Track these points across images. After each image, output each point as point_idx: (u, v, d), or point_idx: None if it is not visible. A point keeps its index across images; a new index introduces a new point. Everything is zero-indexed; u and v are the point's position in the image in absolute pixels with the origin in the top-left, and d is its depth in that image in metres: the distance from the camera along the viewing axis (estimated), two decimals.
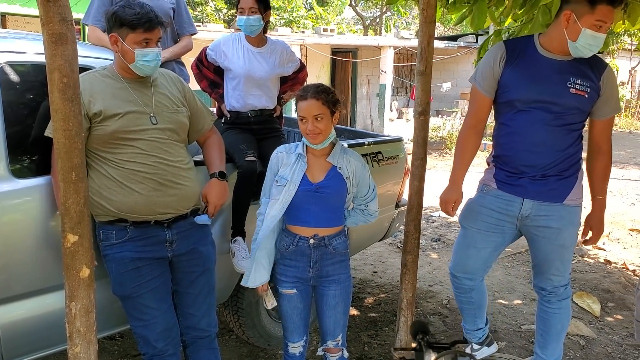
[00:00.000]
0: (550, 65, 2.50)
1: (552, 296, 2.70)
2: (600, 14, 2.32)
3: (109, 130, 2.19)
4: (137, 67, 2.25)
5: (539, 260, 2.70)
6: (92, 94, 2.20)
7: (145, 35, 2.21)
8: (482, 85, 2.62)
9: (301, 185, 2.40)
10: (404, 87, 17.67)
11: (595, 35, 2.35)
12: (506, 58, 2.55)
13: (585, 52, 2.41)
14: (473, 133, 2.72)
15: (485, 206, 2.70)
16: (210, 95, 3.36)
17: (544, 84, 2.48)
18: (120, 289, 2.31)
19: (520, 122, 2.54)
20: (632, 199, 8.75)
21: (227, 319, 3.36)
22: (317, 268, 2.47)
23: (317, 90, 2.35)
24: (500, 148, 2.67)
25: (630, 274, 5.24)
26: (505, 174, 2.64)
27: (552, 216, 2.59)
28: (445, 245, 5.91)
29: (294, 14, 17.42)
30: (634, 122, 21.86)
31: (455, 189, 2.73)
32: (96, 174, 2.23)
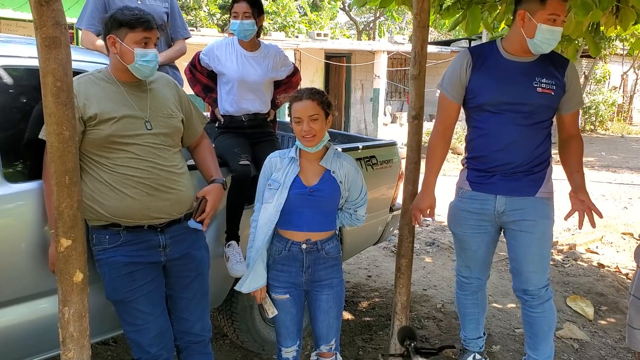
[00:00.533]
0: (514, 67, 2.58)
1: (535, 300, 2.71)
2: (551, 7, 2.42)
3: (103, 134, 2.18)
4: (135, 68, 2.23)
5: (518, 256, 2.70)
6: (87, 97, 2.19)
7: (145, 34, 2.21)
8: (449, 92, 2.70)
9: (295, 188, 2.40)
10: (397, 92, 17.72)
11: (551, 29, 2.43)
12: (472, 64, 2.63)
13: (544, 47, 2.48)
14: (442, 139, 2.79)
15: (464, 209, 2.79)
16: (204, 100, 3.36)
17: (511, 86, 2.56)
18: (113, 293, 2.30)
19: (491, 124, 2.62)
20: (624, 202, 8.79)
21: (221, 323, 3.35)
22: (310, 273, 2.47)
23: (311, 92, 2.37)
24: (474, 150, 2.74)
25: (623, 278, 5.26)
26: (477, 174, 2.72)
27: (526, 209, 2.65)
28: (439, 249, 5.92)
29: (288, 19, 17.44)
30: (626, 126, 22.00)
31: (428, 195, 2.81)
32: (89, 178, 2.22)
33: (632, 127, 22.14)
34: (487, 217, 2.73)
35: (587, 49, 12.47)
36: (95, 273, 2.29)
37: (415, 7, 2.89)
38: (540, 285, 2.68)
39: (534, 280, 2.68)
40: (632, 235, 6.79)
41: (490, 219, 2.73)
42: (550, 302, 2.77)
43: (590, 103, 20.26)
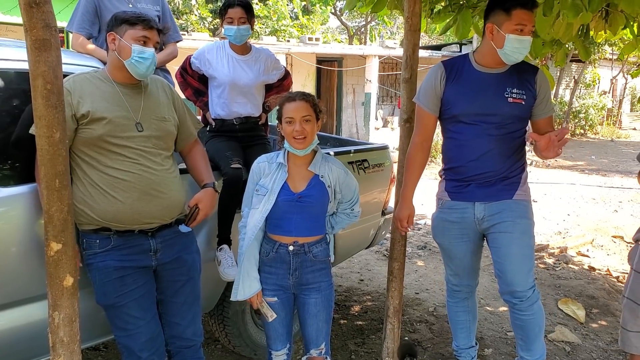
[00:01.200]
0: (486, 79, 2.64)
1: (523, 303, 2.69)
2: (517, 18, 2.48)
3: (95, 134, 2.17)
4: (132, 65, 2.23)
5: (500, 258, 2.69)
6: (82, 94, 2.18)
7: (145, 32, 2.23)
8: (426, 104, 2.75)
9: (283, 194, 2.40)
10: (389, 96, 17.77)
11: (519, 39, 2.49)
12: (446, 77, 2.69)
13: (515, 57, 2.54)
14: (420, 150, 2.83)
15: (445, 220, 2.84)
16: (195, 104, 3.35)
17: (483, 98, 2.62)
18: (103, 298, 2.28)
19: (465, 134, 2.67)
20: (614, 206, 8.85)
21: (212, 328, 3.33)
22: (297, 275, 2.47)
23: (304, 93, 2.40)
24: (450, 160, 2.79)
25: (614, 280, 5.29)
26: (454, 184, 2.77)
27: (504, 211, 2.68)
28: (431, 253, 5.92)
29: (279, 23, 17.45)
30: (616, 130, 22.16)
31: (407, 205, 2.86)
32: (80, 181, 2.21)
33: (622, 131, 22.29)
34: (468, 224, 2.77)
35: (576, 53, 12.57)
36: (86, 278, 2.27)
37: (407, 10, 2.91)
38: (527, 287, 2.67)
39: (519, 280, 2.67)
40: (623, 238, 6.83)
41: (472, 226, 2.77)
42: (539, 302, 2.77)
43: (580, 107, 20.39)
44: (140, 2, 3.34)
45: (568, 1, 2.85)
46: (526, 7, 2.49)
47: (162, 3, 3.50)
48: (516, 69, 2.66)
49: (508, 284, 2.69)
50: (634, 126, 24.15)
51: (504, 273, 2.69)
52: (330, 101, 16.09)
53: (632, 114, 25.02)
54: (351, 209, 2.57)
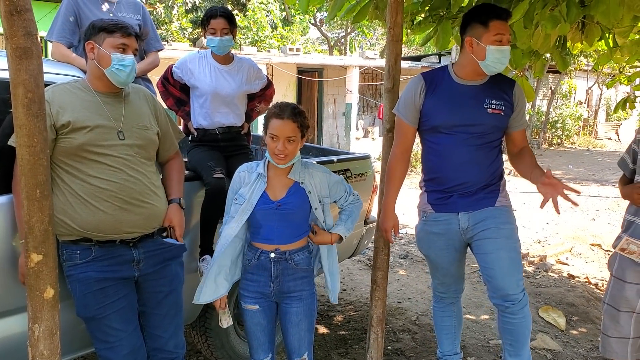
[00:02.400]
0: (465, 91, 2.69)
1: (516, 306, 2.69)
2: (495, 29, 2.54)
3: (75, 143, 2.15)
4: (112, 73, 2.22)
5: (489, 264, 2.70)
6: (62, 105, 2.17)
7: (123, 40, 2.23)
8: (405, 115, 2.78)
9: (262, 203, 2.41)
10: (369, 107, 17.86)
11: (499, 49, 2.55)
12: (426, 89, 2.72)
13: (497, 67, 2.60)
14: (401, 160, 2.86)
15: (430, 232, 2.86)
16: (177, 113, 3.33)
17: (463, 109, 2.66)
18: (84, 310, 2.25)
19: (445, 145, 2.70)
20: (592, 214, 8.98)
21: (194, 340, 3.29)
22: (278, 283, 2.46)
23: (294, 112, 2.36)
24: (431, 171, 2.82)
25: (593, 288, 5.36)
26: (436, 195, 2.79)
27: (487, 218, 2.71)
28: (413, 262, 5.94)
29: (260, 34, 17.48)
30: (592, 140, 22.52)
31: (390, 215, 2.88)
32: (61, 191, 2.18)
33: (597, 141, 22.68)
34: (453, 235, 2.79)
35: (553, 64, 12.74)
36: (66, 290, 2.24)
37: (389, 21, 2.92)
38: (518, 290, 2.69)
39: (510, 284, 2.67)
40: (600, 246, 6.92)
41: (457, 236, 2.79)
42: (528, 306, 2.79)
43: (557, 117, 20.70)
44: (120, 11, 3.32)
45: (547, 12, 2.89)
46: (501, 17, 2.56)
47: (143, 12, 3.49)
48: (494, 81, 2.71)
49: (499, 288, 2.68)
50: (610, 136, 24.57)
51: (494, 277, 2.68)
52: (311, 111, 16.11)
53: (607, 124, 25.46)
54: (352, 195, 2.61)
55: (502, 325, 2.79)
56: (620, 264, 2.65)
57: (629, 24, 3.43)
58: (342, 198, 2.59)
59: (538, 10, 2.92)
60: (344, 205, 2.61)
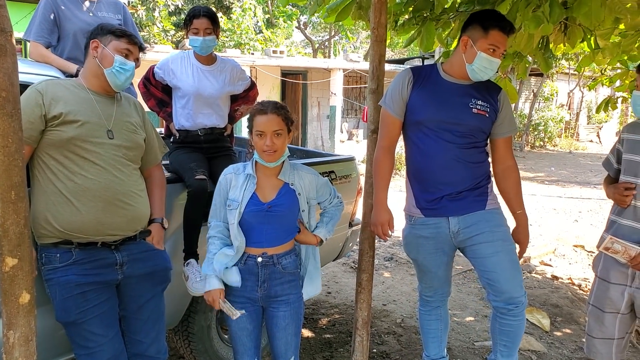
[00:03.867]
0: (452, 88, 2.68)
1: (518, 308, 2.67)
2: (492, 38, 2.53)
3: (65, 136, 2.15)
4: (111, 74, 2.27)
5: (490, 268, 2.67)
6: (55, 96, 2.18)
7: (129, 46, 2.31)
8: (392, 107, 2.75)
9: (252, 205, 2.37)
10: (353, 109, 17.87)
11: (489, 59, 2.54)
12: (413, 82, 2.71)
13: (481, 75, 2.59)
14: (387, 153, 2.83)
15: (419, 236, 2.82)
16: (158, 114, 3.28)
17: (448, 106, 2.64)
18: (64, 315, 2.20)
19: (430, 144, 2.68)
20: (575, 216, 9.05)
21: (177, 345, 3.24)
22: (266, 287, 2.43)
23: (277, 106, 2.34)
24: (416, 171, 2.79)
25: (577, 289, 5.39)
26: (426, 199, 2.75)
27: (479, 222, 2.68)
28: (398, 264, 5.93)
29: (244, 37, 17.41)
30: (574, 142, 22.77)
31: (383, 209, 2.81)
32: (42, 191, 2.15)
33: (579, 143, 22.94)
34: (443, 238, 2.76)
35: (535, 67, 12.86)
36: (44, 294, 2.19)
37: (373, 22, 2.91)
38: (522, 292, 2.67)
39: (514, 286, 2.65)
40: (583, 247, 6.97)
41: (447, 240, 2.76)
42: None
43: (540, 119, 20.90)
44: (101, 11, 3.27)
45: (529, 13, 2.89)
46: (504, 30, 2.53)
47: (123, 11, 3.44)
48: (482, 84, 2.70)
49: (503, 292, 2.65)
50: (591, 138, 24.87)
51: (497, 281, 2.65)
52: (296, 114, 16.07)
53: (588, 127, 25.75)
54: (337, 197, 2.60)
55: (499, 328, 2.76)
56: (605, 265, 2.65)
57: (611, 26, 3.45)
58: (327, 200, 2.57)
59: (521, 10, 2.93)
60: (328, 208, 2.59)
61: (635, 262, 2.47)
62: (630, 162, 2.58)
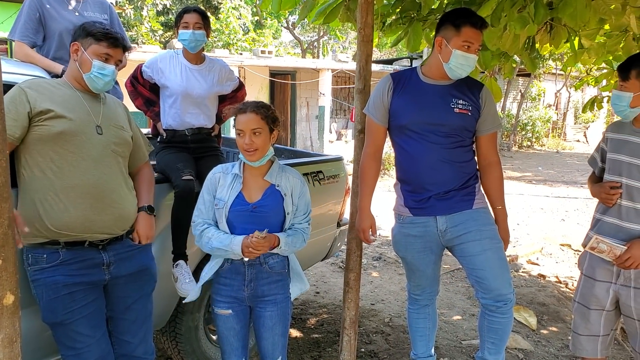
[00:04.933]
0: (433, 90, 2.70)
1: (507, 306, 2.70)
2: (465, 35, 2.56)
3: (54, 130, 2.13)
4: (90, 79, 2.25)
5: (480, 265, 2.69)
6: (41, 94, 2.17)
7: (108, 50, 2.25)
8: (375, 115, 2.80)
9: (237, 204, 2.38)
10: (342, 110, 17.89)
11: (465, 55, 2.57)
12: (393, 88, 2.74)
13: (459, 72, 2.62)
14: (373, 160, 2.86)
15: (407, 235, 2.85)
16: (146, 114, 3.27)
17: (430, 108, 2.67)
18: (51, 315, 2.18)
19: (415, 147, 2.71)
20: (561, 215, 9.12)
21: (164, 345, 3.23)
22: (252, 287, 2.43)
23: (257, 105, 2.36)
24: (403, 173, 2.82)
25: (563, 287, 5.43)
26: (414, 199, 2.78)
27: (467, 221, 2.71)
28: (386, 264, 5.94)
29: (232, 37, 17.38)
30: (561, 142, 22.93)
31: (366, 215, 2.86)
32: (30, 189, 2.14)
33: (566, 143, 23.10)
34: (431, 237, 2.78)
35: (522, 67, 12.91)
36: (30, 296, 2.17)
37: (360, 22, 2.92)
38: (510, 289, 2.70)
39: (503, 284, 2.68)
40: (570, 246, 7.02)
41: (435, 239, 2.78)
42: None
43: (527, 119, 21.03)
44: (87, 10, 3.25)
45: (515, 13, 2.92)
46: (475, 25, 2.56)
47: (109, 11, 3.42)
48: (462, 83, 2.72)
49: (492, 289, 2.68)
50: (578, 138, 25.05)
51: (486, 279, 2.67)
52: (284, 114, 16.07)
53: (575, 127, 25.95)
54: (307, 223, 2.52)
55: (487, 325, 2.78)
56: (590, 263, 2.68)
57: (595, 26, 3.49)
58: (300, 217, 2.49)
59: (506, 11, 2.95)
60: (295, 224, 2.49)
61: (620, 261, 2.50)
62: (615, 162, 2.60)
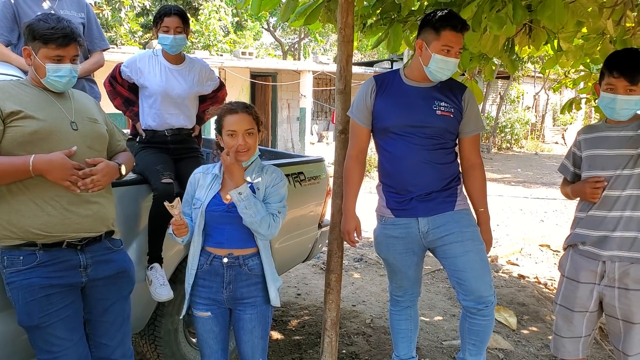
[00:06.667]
0: (415, 92, 2.71)
1: (488, 308, 2.71)
2: (445, 39, 2.56)
3: (28, 130, 2.08)
4: (48, 83, 2.18)
5: (461, 267, 2.70)
6: (9, 96, 2.11)
7: (58, 51, 2.14)
8: (358, 117, 2.81)
9: (213, 205, 2.37)
10: (323, 111, 17.91)
11: (444, 59, 2.57)
12: (376, 90, 2.76)
13: (439, 75, 2.63)
14: (357, 163, 2.87)
15: (389, 236, 2.85)
16: (125, 114, 3.23)
17: (412, 110, 2.68)
18: (27, 318, 2.14)
19: (398, 148, 2.72)
20: (540, 216, 9.21)
21: (143, 349, 3.19)
22: (231, 289, 2.41)
23: (246, 105, 2.36)
24: (386, 173, 2.83)
25: (543, 287, 5.48)
26: (395, 198, 2.78)
27: (448, 222, 2.72)
28: (367, 265, 5.95)
29: (212, 38, 17.29)
30: (540, 144, 23.20)
31: (351, 217, 2.87)
32: (5, 192, 2.09)
33: (545, 145, 23.38)
34: (413, 239, 2.78)
35: (502, 70, 13.00)
36: (5, 299, 2.13)
37: (340, 22, 2.92)
38: (491, 291, 2.71)
39: (484, 286, 2.69)
40: (549, 246, 7.10)
41: (417, 240, 2.78)
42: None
43: (506, 122, 21.24)
44: (63, 8, 3.21)
45: (493, 14, 2.94)
46: (455, 29, 2.56)
47: (87, 10, 3.38)
48: (445, 85, 2.73)
49: (473, 291, 2.69)
50: (556, 140, 25.38)
51: (467, 280, 2.68)
52: (265, 116, 15.98)
53: (554, 129, 26.29)
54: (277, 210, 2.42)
55: (469, 327, 2.79)
56: (573, 265, 2.67)
57: (573, 29, 3.52)
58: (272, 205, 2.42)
59: (486, 13, 2.97)
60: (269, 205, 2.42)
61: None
62: (595, 157, 2.59)
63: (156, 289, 2.76)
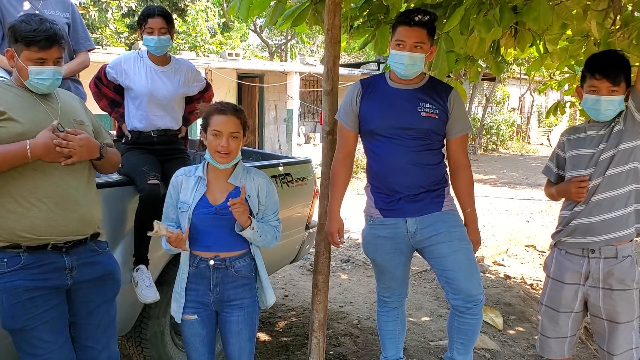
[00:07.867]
0: (400, 94, 2.73)
1: (477, 307, 2.72)
2: (397, 34, 2.62)
3: (14, 131, 2.05)
4: (31, 85, 2.15)
5: (449, 267, 2.71)
6: None
7: (40, 54, 2.10)
8: (345, 120, 2.84)
9: (201, 207, 2.35)
10: (310, 113, 17.91)
11: (397, 54, 2.63)
12: (362, 94, 2.79)
13: (399, 71, 2.68)
14: (343, 166, 2.89)
15: (377, 236, 2.86)
16: (110, 115, 3.20)
17: (397, 112, 2.70)
18: (11, 321, 2.12)
19: (385, 150, 2.74)
20: (526, 217, 9.28)
21: (129, 351, 3.17)
22: (218, 292, 2.39)
23: (236, 108, 2.34)
24: (374, 175, 2.84)
25: (528, 288, 5.52)
26: (384, 198, 2.80)
27: (436, 223, 2.74)
28: (354, 266, 5.95)
29: (199, 39, 17.23)
30: (525, 145, 23.38)
31: (335, 219, 2.89)
32: None
33: (530, 146, 23.55)
34: (401, 239, 2.79)
35: (487, 72, 13.08)
36: None
37: (327, 23, 2.92)
38: (480, 290, 2.73)
39: (473, 285, 2.70)
40: (535, 247, 7.15)
41: (404, 240, 2.79)
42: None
43: (492, 123, 21.38)
44: (48, 8, 3.18)
45: (480, 17, 2.95)
46: (409, 23, 2.59)
47: (72, 10, 3.35)
48: (430, 86, 2.75)
49: (462, 290, 2.70)
50: (542, 141, 25.58)
51: (456, 280, 2.70)
52: (252, 117, 15.95)
53: (539, 130, 26.49)
54: (277, 221, 2.50)
55: (457, 326, 2.79)
56: (558, 266, 2.70)
57: (558, 31, 3.55)
58: (270, 215, 2.47)
59: (473, 16, 2.98)
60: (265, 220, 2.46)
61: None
62: (580, 157, 2.62)
63: (142, 291, 2.75)
